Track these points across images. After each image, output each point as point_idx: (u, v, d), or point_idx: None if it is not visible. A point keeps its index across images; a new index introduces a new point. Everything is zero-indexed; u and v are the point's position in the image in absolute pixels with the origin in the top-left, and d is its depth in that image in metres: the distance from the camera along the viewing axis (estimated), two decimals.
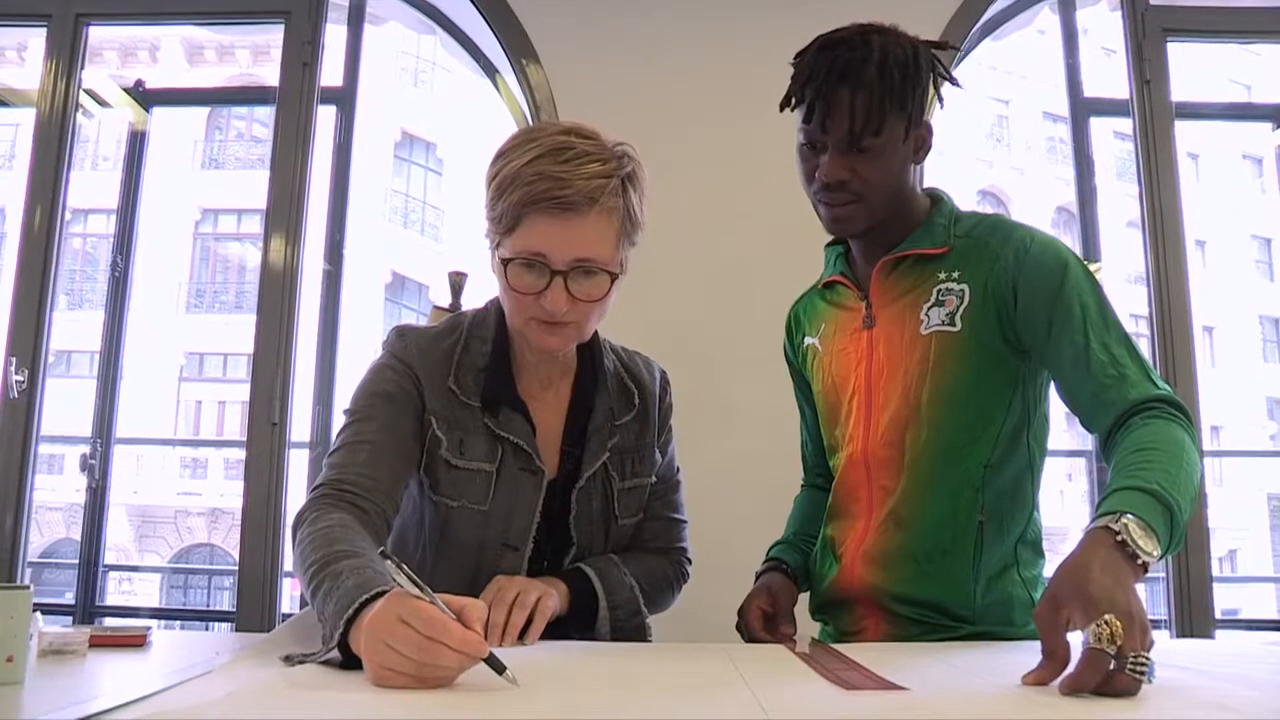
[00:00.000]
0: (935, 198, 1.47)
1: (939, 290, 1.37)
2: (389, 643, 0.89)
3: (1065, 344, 1.28)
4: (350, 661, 0.97)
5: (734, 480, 2.49)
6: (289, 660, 1.02)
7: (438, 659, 0.89)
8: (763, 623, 1.43)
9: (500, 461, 1.36)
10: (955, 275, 1.37)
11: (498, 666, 0.91)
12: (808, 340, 1.55)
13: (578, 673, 1.06)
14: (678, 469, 1.57)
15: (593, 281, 1.27)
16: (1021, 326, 1.33)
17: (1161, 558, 1.00)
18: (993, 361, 1.35)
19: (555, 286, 1.25)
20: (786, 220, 1.70)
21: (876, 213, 1.38)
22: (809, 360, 1.55)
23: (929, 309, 1.37)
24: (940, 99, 1.45)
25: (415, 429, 1.36)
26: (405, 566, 0.94)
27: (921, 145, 1.40)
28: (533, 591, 1.27)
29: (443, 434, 1.35)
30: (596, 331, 1.43)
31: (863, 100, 1.30)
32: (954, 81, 1.46)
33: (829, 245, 1.56)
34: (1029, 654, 0.95)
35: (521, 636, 1.23)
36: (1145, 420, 1.17)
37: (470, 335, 1.41)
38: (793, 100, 1.38)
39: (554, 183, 1.21)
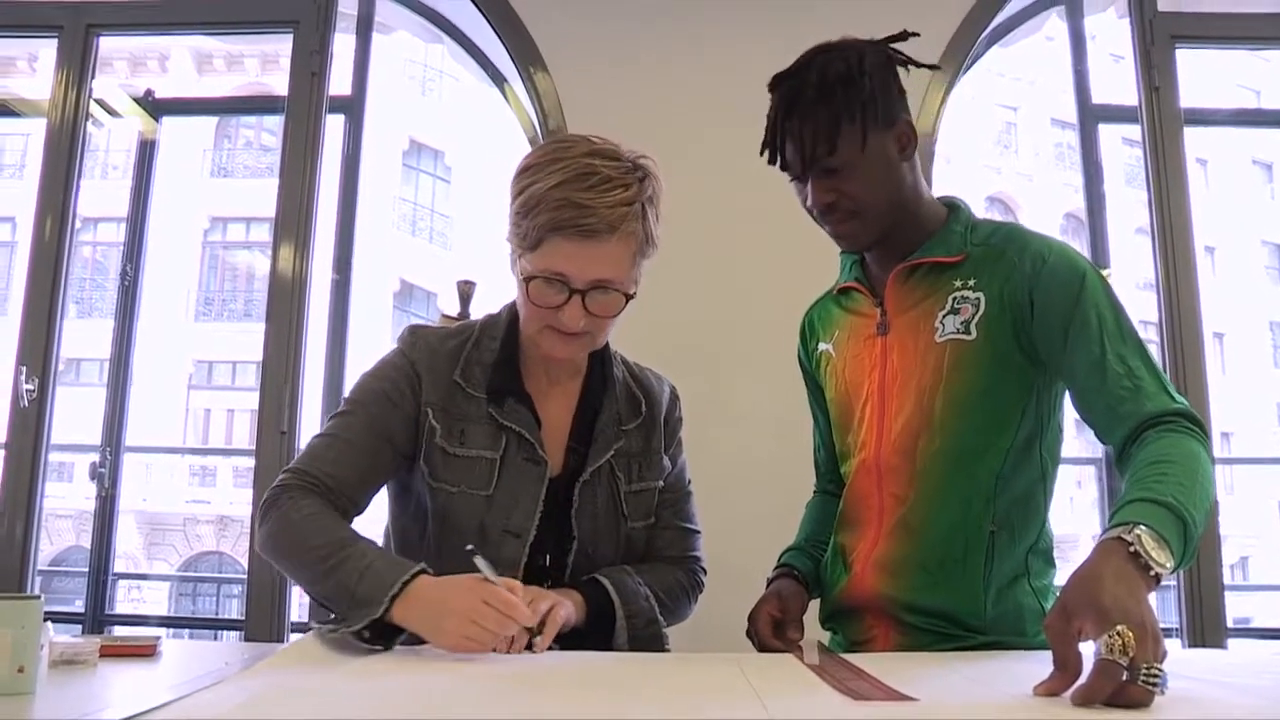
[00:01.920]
0: (952, 206, 1.47)
1: (954, 298, 1.37)
2: (476, 619, 1.14)
3: (1081, 355, 1.27)
4: (374, 635, 1.16)
5: (741, 487, 2.48)
6: (320, 629, 1.21)
7: (508, 630, 1.16)
8: (772, 629, 1.43)
9: (504, 450, 1.39)
10: (971, 283, 1.37)
11: (534, 632, 1.22)
12: (822, 346, 1.55)
13: (583, 678, 1.06)
14: (689, 480, 1.58)
15: (609, 299, 1.33)
16: (1037, 336, 1.33)
17: (1174, 571, 1.00)
18: (1007, 370, 1.35)
19: (573, 304, 1.31)
20: (795, 226, 1.69)
21: (878, 221, 1.38)
22: (822, 366, 1.55)
23: (944, 317, 1.37)
24: (902, 91, 1.42)
25: (403, 429, 1.40)
26: (485, 560, 1.21)
27: (907, 143, 1.39)
28: (544, 601, 1.28)
29: (439, 423, 1.39)
30: (607, 341, 1.47)
31: (809, 127, 1.33)
32: (920, 65, 1.43)
33: (844, 251, 1.56)
34: (1039, 664, 0.94)
35: (530, 646, 1.23)
36: (1161, 433, 1.17)
37: (482, 334, 1.46)
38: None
39: (579, 210, 1.26)
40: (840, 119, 1.33)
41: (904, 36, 1.41)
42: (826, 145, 1.33)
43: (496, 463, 1.38)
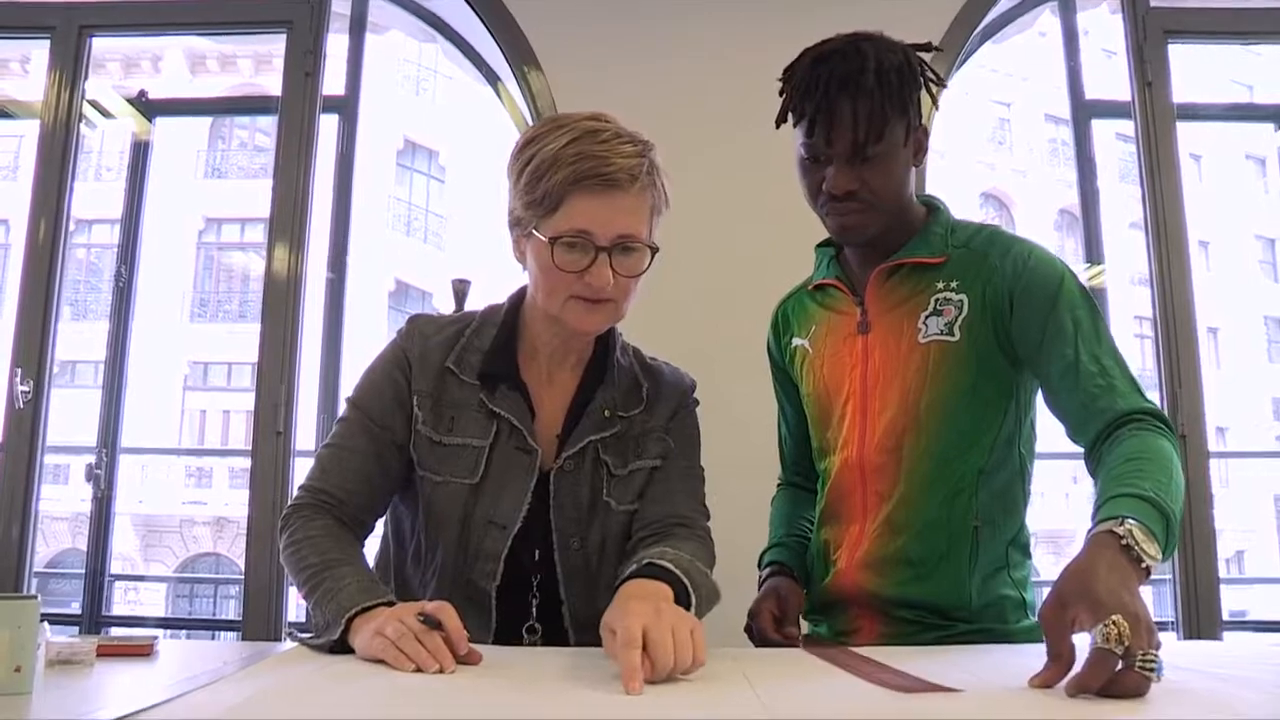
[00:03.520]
0: (931, 205, 1.47)
1: (937, 299, 1.38)
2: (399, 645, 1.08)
3: (1056, 355, 1.30)
4: (339, 647, 1.16)
5: (737, 484, 2.47)
6: (292, 636, 1.24)
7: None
8: (773, 625, 1.44)
9: (494, 438, 1.36)
10: (953, 285, 1.38)
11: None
12: (796, 341, 1.55)
13: (581, 677, 1.06)
14: (697, 468, 1.49)
15: (633, 257, 1.30)
16: (1015, 336, 1.35)
17: (1158, 564, 1.01)
18: (989, 371, 1.37)
19: (600, 263, 1.28)
20: (790, 223, 1.70)
21: (884, 218, 1.38)
22: (797, 361, 1.55)
23: (927, 318, 1.38)
24: (935, 101, 1.45)
25: (402, 422, 1.38)
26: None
27: (920, 149, 1.41)
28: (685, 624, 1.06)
29: (425, 411, 1.37)
30: (614, 329, 1.44)
31: (864, 109, 1.31)
32: (942, 83, 1.46)
33: (820, 246, 1.56)
34: (1028, 657, 0.95)
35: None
36: (1133, 432, 1.19)
37: (483, 321, 1.43)
38: (789, 116, 1.39)
39: (598, 161, 1.25)
40: (894, 109, 1.32)
41: (928, 48, 1.42)
42: (878, 131, 1.32)
43: (485, 451, 1.36)
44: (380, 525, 1.47)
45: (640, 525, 1.40)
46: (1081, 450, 1.30)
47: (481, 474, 1.36)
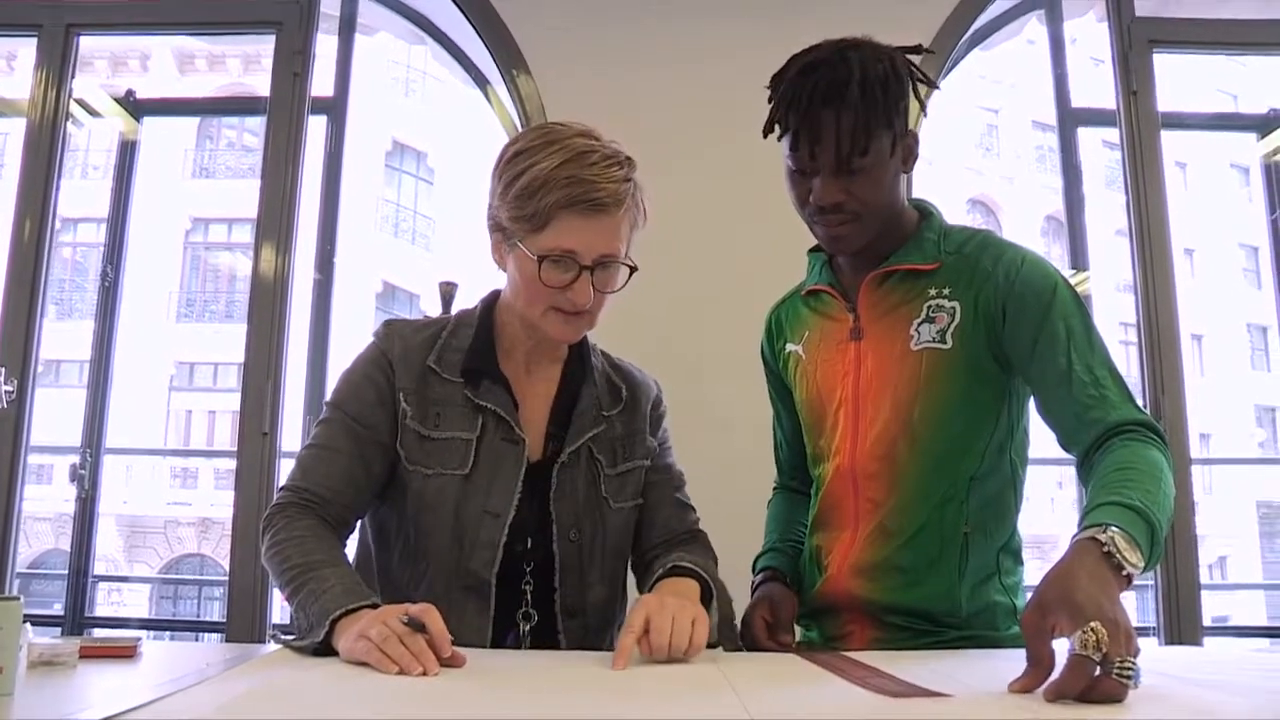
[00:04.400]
0: (924, 211, 1.47)
1: (930, 306, 1.38)
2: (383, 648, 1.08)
3: (1049, 364, 1.30)
4: (323, 650, 1.16)
5: (722, 489, 2.47)
6: (275, 638, 1.20)
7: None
8: (766, 633, 1.44)
9: (481, 431, 1.40)
10: (946, 292, 1.38)
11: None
12: (790, 347, 1.55)
13: (574, 679, 1.07)
14: (680, 472, 1.57)
15: (611, 272, 1.36)
16: (1008, 344, 1.35)
17: (1141, 572, 1.02)
18: (982, 379, 1.36)
19: (583, 280, 1.33)
20: (776, 227, 1.71)
21: (873, 228, 1.38)
22: (790, 367, 1.55)
23: (919, 325, 1.38)
24: (924, 107, 1.45)
25: (385, 421, 1.40)
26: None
27: (909, 155, 1.40)
28: (687, 613, 1.21)
29: (412, 407, 1.40)
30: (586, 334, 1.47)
31: (848, 122, 1.29)
32: (933, 85, 1.45)
33: (812, 251, 1.56)
34: (1012, 661, 0.95)
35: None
36: (1125, 442, 1.20)
37: (459, 323, 1.48)
38: (775, 127, 1.38)
39: (589, 186, 1.30)
40: (879, 121, 1.31)
41: (919, 50, 1.41)
42: (863, 144, 1.30)
43: (473, 444, 1.39)
44: (356, 532, 1.48)
45: (647, 546, 1.51)
46: (1068, 455, 1.30)
47: (471, 465, 1.39)
